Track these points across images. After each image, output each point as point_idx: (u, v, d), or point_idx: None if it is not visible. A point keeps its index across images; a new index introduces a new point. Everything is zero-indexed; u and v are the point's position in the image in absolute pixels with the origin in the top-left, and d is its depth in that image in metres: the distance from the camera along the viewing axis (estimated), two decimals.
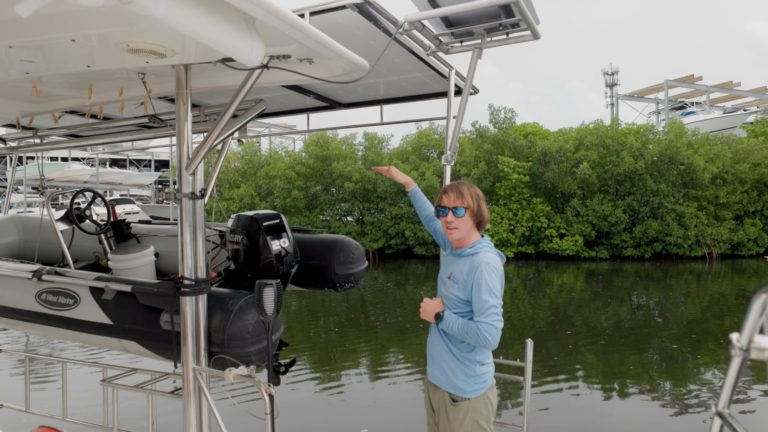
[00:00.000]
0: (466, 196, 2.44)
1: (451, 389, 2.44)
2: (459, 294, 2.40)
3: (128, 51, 1.80)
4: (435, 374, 2.53)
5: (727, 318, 11.02)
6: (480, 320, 2.27)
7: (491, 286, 2.29)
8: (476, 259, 2.37)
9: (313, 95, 3.58)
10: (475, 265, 2.34)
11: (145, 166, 46.99)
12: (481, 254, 2.38)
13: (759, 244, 21.25)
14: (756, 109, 34.54)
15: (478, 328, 2.26)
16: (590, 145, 21.50)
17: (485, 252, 2.40)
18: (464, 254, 2.45)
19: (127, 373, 3.39)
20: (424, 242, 21.60)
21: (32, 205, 28.16)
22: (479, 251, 2.41)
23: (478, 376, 2.43)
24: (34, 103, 3.15)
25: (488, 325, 2.24)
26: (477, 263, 2.34)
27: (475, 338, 2.26)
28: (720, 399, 1.16)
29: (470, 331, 2.28)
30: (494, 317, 2.26)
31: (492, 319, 2.25)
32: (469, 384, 2.41)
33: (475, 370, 2.42)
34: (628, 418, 5.86)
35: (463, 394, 2.41)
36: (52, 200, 3.91)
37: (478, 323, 2.27)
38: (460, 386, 2.42)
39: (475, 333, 2.26)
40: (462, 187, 2.47)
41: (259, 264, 2.95)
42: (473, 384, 2.42)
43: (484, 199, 2.50)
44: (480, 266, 2.32)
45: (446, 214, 2.45)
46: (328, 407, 6.21)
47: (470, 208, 2.44)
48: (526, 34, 2.82)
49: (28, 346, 8.85)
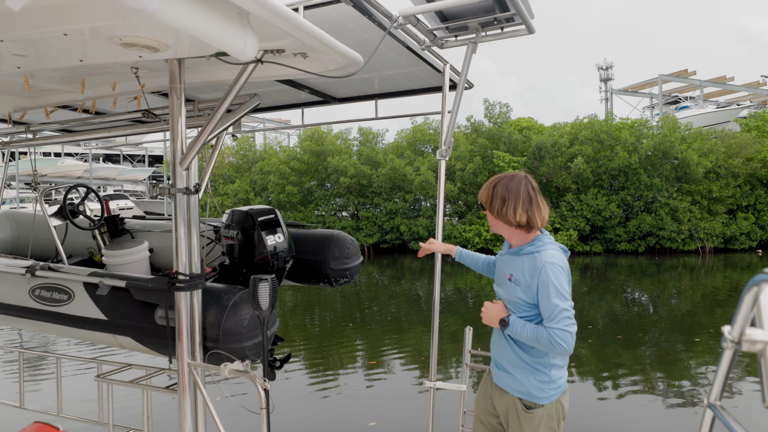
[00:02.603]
0: (484, 192, 2.35)
1: (523, 396, 2.28)
2: (523, 297, 2.23)
3: (121, 45, 1.79)
4: (503, 379, 2.36)
5: (719, 311, 11.11)
6: (552, 326, 2.11)
7: (559, 288, 2.13)
8: (539, 258, 2.19)
9: (307, 90, 3.57)
10: (538, 266, 2.17)
11: (139, 162, 46.77)
12: (543, 252, 2.21)
13: (751, 238, 21.40)
14: (749, 103, 34.70)
15: (550, 335, 2.10)
16: (585, 140, 21.54)
17: (548, 250, 2.22)
18: (523, 252, 2.29)
19: (122, 369, 3.39)
20: (419, 237, 21.62)
21: (25, 201, 27.99)
22: (540, 249, 2.23)
23: (553, 381, 2.27)
24: (26, 97, 3.12)
25: (561, 331, 2.08)
26: (541, 263, 2.17)
27: (548, 345, 2.11)
28: (712, 391, 1.18)
29: (542, 338, 2.12)
30: (567, 321, 2.10)
31: (565, 324, 2.10)
32: (543, 390, 2.25)
33: (549, 376, 2.26)
34: (620, 411, 5.91)
35: (537, 400, 2.26)
36: (45, 196, 3.88)
37: (550, 329, 2.10)
38: (533, 392, 2.26)
39: (548, 340, 2.10)
40: (487, 182, 2.37)
41: (254, 259, 2.95)
42: (547, 390, 2.26)
43: (525, 201, 2.24)
44: (545, 267, 2.15)
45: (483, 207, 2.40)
46: (324, 401, 6.22)
47: (486, 203, 2.34)
48: (520, 28, 2.82)
49: (22, 343, 8.82)
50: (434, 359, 3.24)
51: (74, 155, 39.97)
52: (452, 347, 8.10)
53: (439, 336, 3.26)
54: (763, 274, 0.96)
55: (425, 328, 9.47)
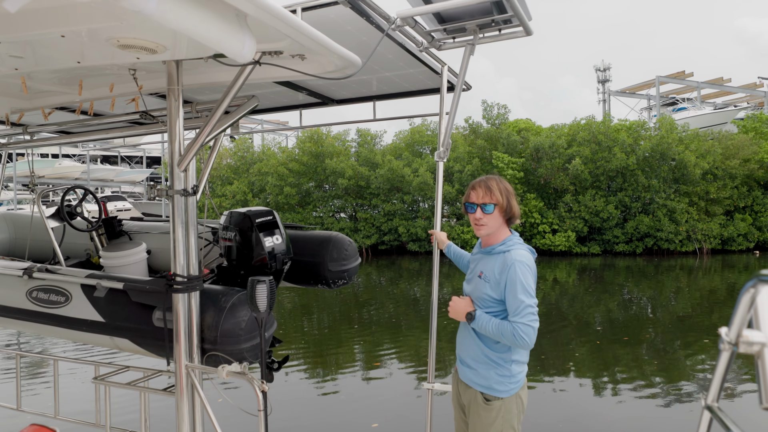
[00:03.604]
0: (494, 192, 2.38)
1: (484, 389, 2.38)
2: (491, 293, 2.33)
3: (118, 47, 1.79)
4: (466, 374, 2.47)
5: (716, 312, 11.12)
6: (516, 320, 2.22)
7: (526, 286, 2.24)
8: (509, 257, 2.31)
9: (305, 91, 3.57)
10: (508, 264, 2.28)
11: (137, 163, 46.72)
12: (513, 252, 2.32)
13: (749, 239, 21.44)
14: (746, 105, 34.79)
15: (514, 329, 2.20)
16: (582, 141, 21.58)
17: (517, 249, 2.34)
18: (495, 252, 2.39)
19: (120, 371, 3.38)
20: (417, 238, 21.63)
21: (23, 203, 27.93)
22: (511, 249, 2.34)
23: (513, 375, 2.37)
24: (23, 99, 3.12)
25: (525, 326, 2.19)
26: (510, 261, 2.28)
27: (512, 339, 2.21)
28: (709, 393, 1.18)
29: (506, 331, 2.23)
30: (531, 317, 2.21)
31: (528, 320, 2.20)
32: (503, 384, 2.36)
33: (510, 370, 2.36)
34: (617, 412, 5.91)
35: (496, 393, 2.36)
36: (43, 197, 3.88)
37: (515, 323, 2.21)
38: (494, 386, 2.36)
39: (511, 333, 2.20)
40: (491, 183, 2.41)
41: (252, 261, 2.94)
42: (507, 384, 2.36)
43: (514, 194, 2.44)
44: (513, 264, 2.27)
45: (474, 210, 2.40)
46: (322, 403, 6.22)
47: (499, 204, 2.38)
48: (518, 30, 2.83)
49: (19, 344, 8.80)
50: (432, 360, 3.24)
51: (72, 157, 39.89)
52: (451, 348, 8.10)
53: (438, 337, 3.26)
54: (760, 276, 0.96)
55: (424, 329, 9.47)
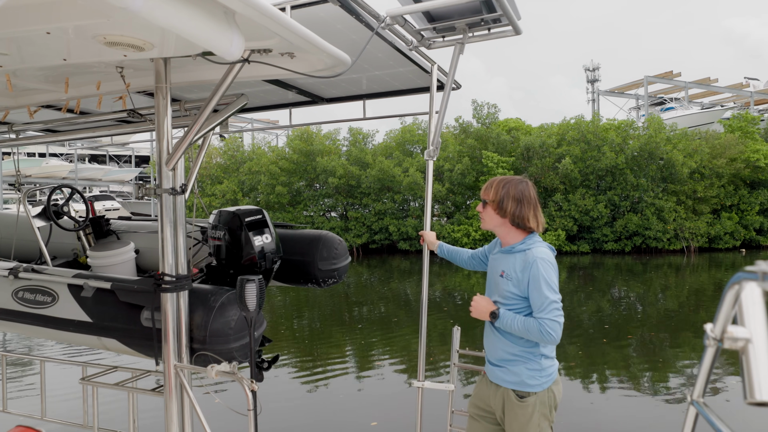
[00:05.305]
0: (491, 190, 2.46)
1: (515, 386, 2.38)
2: (514, 290, 2.36)
3: (105, 44, 1.77)
4: (496, 373, 2.46)
5: (703, 309, 11.25)
6: (541, 316, 2.24)
7: (549, 282, 2.28)
8: (530, 254, 2.34)
9: (295, 90, 3.56)
10: (529, 261, 2.32)
11: (126, 162, 46.32)
12: (534, 249, 2.36)
13: (735, 237, 21.73)
14: (733, 104, 35.18)
15: (540, 325, 2.22)
16: (572, 141, 21.72)
17: (537, 247, 2.38)
18: (515, 250, 2.42)
19: (108, 371, 3.35)
20: (408, 237, 21.64)
21: (9, 202, 27.59)
22: (531, 247, 2.38)
23: (543, 369, 2.38)
24: (8, 97, 3.07)
25: (551, 321, 2.22)
26: (531, 259, 2.32)
27: (538, 335, 2.24)
28: (695, 388, 1.19)
29: (532, 327, 2.25)
30: (556, 312, 2.24)
31: (554, 315, 2.23)
32: (535, 378, 2.36)
33: (540, 364, 2.37)
34: (605, 408, 5.96)
35: (529, 389, 2.36)
36: (29, 197, 3.83)
37: (540, 320, 2.24)
38: (525, 381, 2.36)
39: (538, 330, 2.23)
40: (495, 181, 2.49)
41: (242, 260, 2.93)
42: (538, 378, 2.37)
43: (531, 202, 2.42)
44: (535, 261, 2.30)
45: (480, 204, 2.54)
46: (312, 402, 6.21)
47: (492, 201, 2.44)
48: (507, 29, 2.83)
49: (5, 345, 8.69)
50: (422, 359, 3.25)
51: (59, 155, 39.50)
52: (441, 347, 8.12)
53: (428, 336, 3.27)
54: (743, 273, 0.97)
55: (414, 328, 9.48)
